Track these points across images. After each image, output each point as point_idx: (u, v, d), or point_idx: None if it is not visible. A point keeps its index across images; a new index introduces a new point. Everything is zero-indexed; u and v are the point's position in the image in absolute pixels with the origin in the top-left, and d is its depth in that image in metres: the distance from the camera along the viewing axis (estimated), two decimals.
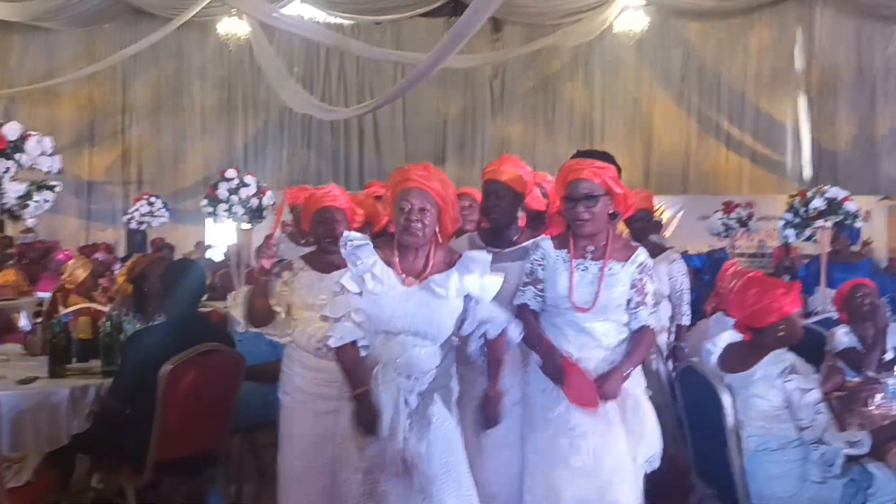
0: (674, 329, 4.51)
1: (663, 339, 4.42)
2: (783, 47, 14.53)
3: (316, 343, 3.12)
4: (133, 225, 11.25)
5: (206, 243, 11.78)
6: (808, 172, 14.45)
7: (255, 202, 6.64)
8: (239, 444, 3.93)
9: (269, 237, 3.19)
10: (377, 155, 15.60)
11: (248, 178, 6.58)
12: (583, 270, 2.88)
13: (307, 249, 3.42)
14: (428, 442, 2.67)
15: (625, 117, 15.01)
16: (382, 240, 2.87)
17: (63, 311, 5.29)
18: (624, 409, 2.85)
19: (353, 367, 2.72)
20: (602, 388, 2.78)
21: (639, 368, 2.96)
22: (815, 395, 3.02)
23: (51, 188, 3.90)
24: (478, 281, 2.75)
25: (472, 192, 3.93)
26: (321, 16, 14.73)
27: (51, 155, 3.87)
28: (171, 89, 16.00)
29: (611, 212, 2.89)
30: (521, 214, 3.25)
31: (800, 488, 3.01)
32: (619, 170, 2.93)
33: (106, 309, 4.95)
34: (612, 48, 14.40)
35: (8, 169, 3.69)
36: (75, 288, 5.86)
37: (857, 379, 3.53)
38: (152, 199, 11.26)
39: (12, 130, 3.73)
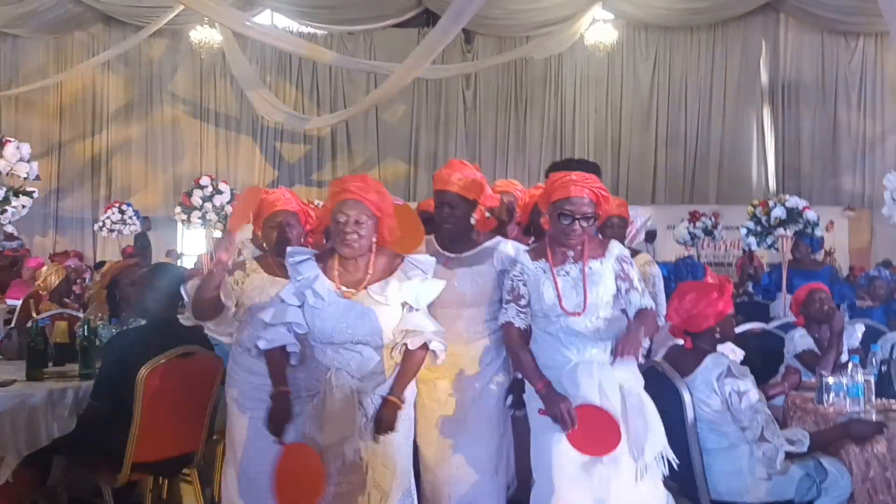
0: None
1: None
2: (749, 60, 14.87)
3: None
4: (104, 233, 11.20)
5: (178, 251, 11.76)
6: (772, 183, 14.80)
7: (229, 209, 6.68)
8: (214, 447, 3.97)
9: (230, 231, 3.23)
10: (349, 163, 15.65)
11: (223, 186, 6.63)
12: (565, 275, 2.90)
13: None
14: (383, 443, 2.77)
15: (595, 128, 15.23)
16: (324, 252, 2.89)
17: (35, 316, 5.29)
18: (626, 408, 2.84)
19: (279, 369, 2.82)
20: (621, 345, 2.75)
21: (636, 370, 2.95)
22: (752, 396, 3.15)
23: (28, 194, 3.93)
24: (416, 288, 2.81)
25: (511, 189, 3.90)
26: (294, 25, 14.81)
27: (28, 161, 3.90)
28: (141, 97, 15.92)
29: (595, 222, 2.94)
30: (481, 217, 3.26)
31: (754, 484, 3.14)
32: (599, 174, 3.00)
33: (80, 314, 4.98)
34: (582, 60, 14.64)
35: None
36: (48, 294, 5.87)
37: (813, 380, 3.68)
38: (123, 207, 11.22)
39: None
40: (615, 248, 2.95)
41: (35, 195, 4.00)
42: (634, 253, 4.46)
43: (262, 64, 15.03)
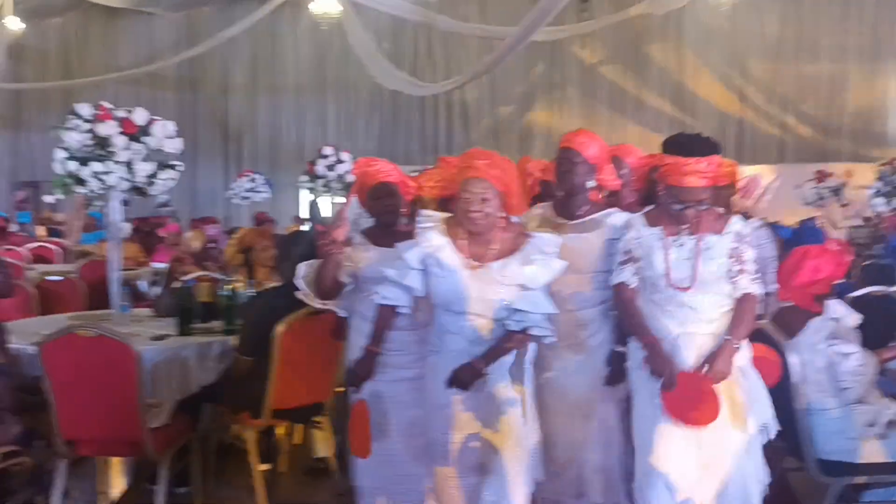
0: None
1: None
2: (885, 10, 13.91)
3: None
4: (236, 200, 11.87)
5: (303, 217, 12.33)
6: None
7: (350, 178, 7.01)
8: (341, 399, 4.29)
9: (341, 209, 3.40)
10: (465, 130, 15.79)
11: (344, 155, 6.95)
12: (679, 247, 2.86)
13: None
14: (499, 406, 2.86)
15: (717, 86, 14.68)
16: (453, 220, 2.95)
17: (181, 278, 5.75)
18: (729, 381, 2.82)
19: (382, 327, 2.99)
20: (713, 367, 2.75)
21: (746, 340, 2.91)
22: (855, 359, 3.12)
23: (173, 167, 4.32)
24: (535, 271, 2.85)
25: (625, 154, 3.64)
26: None
27: (173, 138, 4.29)
28: (266, 69, 16.58)
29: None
30: (593, 187, 3.23)
31: (856, 444, 3.14)
32: (718, 150, 2.87)
33: (220, 276, 5.40)
34: (704, 14, 14.07)
35: (138, 151, 4.12)
36: (191, 257, 6.39)
37: None
38: (254, 176, 11.85)
39: (141, 117, 4.16)
40: (736, 224, 2.90)
41: (180, 168, 4.38)
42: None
43: (379, 31, 15.28)
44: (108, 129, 4.03)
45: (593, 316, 3.17)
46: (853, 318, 3.30)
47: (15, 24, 14.59)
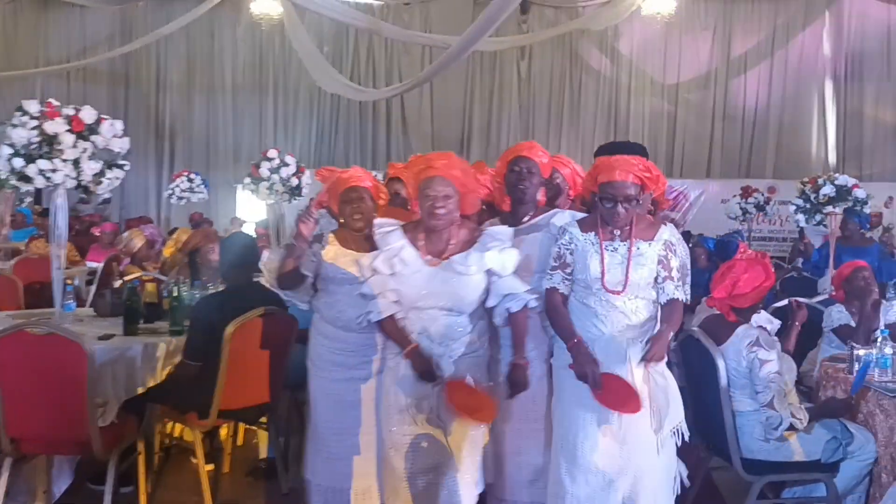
0: None
1: None
2: (812, 31, 14.54)
3: (336, 314, 3.38)
4: (173, 200, 11.71)
5: (240, 219, 12.22)
6: (832, 157, 14.55)
7: (294, 181, 7.03)
8: (286, 400, 4.35)
9: (311, 203, 3.48)
10: (404, 136, 15.85)
11: (289, 158, 6.97)
12: (612, 252, 2.96)
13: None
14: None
15: (651, 101, 15.10)
16: (410, 224, 3.08)
17: (121, 278, 5.69)
18: (649, 384, 2.93)
19: (397, 332, 3.01)
20: (651, 349, 2.88)
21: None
22: (771, 366, 3.35)
23: (121, 167, 4.30)
24: (496, 256, 2.99)
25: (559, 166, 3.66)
26: None
27: (121, 137, 4.28)
28: (203, 68, 16.34)
29: (641, 202, 2.97)
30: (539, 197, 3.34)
31: (773, 444, 3.37)
32: (646, 154, 3.10)
33: (162, 277, 5.38)
34: (640, 31, 14.48)
35: (86, 149, 4.09)
36: (130, 257, 6.32)
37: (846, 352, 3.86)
38: (192, 176, 11.70)
39: (89, 115, 4.13)
40: (665, 232, 3.01)
41: (127, 168, 4.36)
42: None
43: (321, 35, 15.25)
44: (55, 126, 4.00)
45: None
46: (772, 325, 3.53)
47: None
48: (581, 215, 3.22)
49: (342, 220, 3.51)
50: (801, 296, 5.56)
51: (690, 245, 5.76)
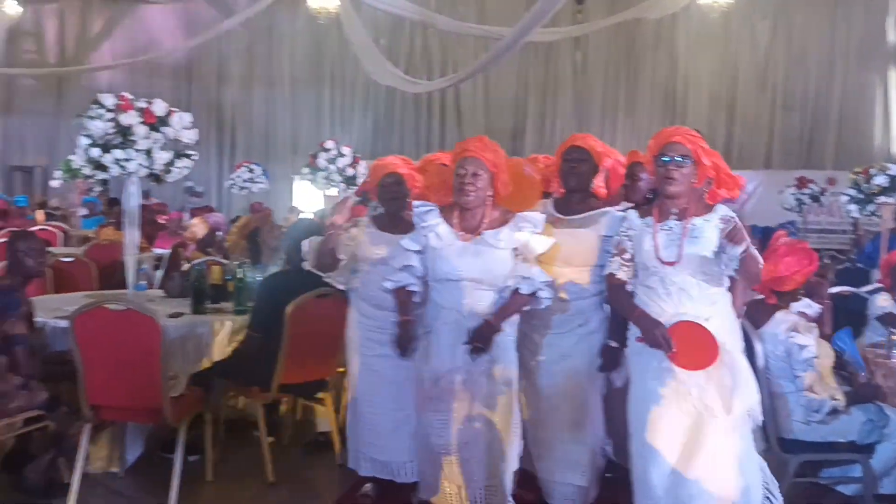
0: None
1: None
2: (874, 19, 14.20)
3: (373, 293, 3.57)
4: (234, 190, 12.10)
5: (297, 208, 12.57)
6: (894, 147, 14.23)
7: (350, 171, 7.27)
8: (342, 378, 4.56)
9: (346, 198, 3.77)
10: (458, 127, 16.00)
11: (345, 149, 7.21)
12: (667, 231, 2.98)
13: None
14: (485, 374, 3.15)
15: (708, 91, 14.93)
16: (445, 206, 3.27)
17: (185, 263, 5.99)
18: (719, 363, 2.92)
19: (404, 303, 3.31)
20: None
21: (738, 328, 3.05)
22: (809, 351, 3.42)
23: (189, 156, 4.57)
24: (526, 237, 3.17)
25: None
26: None
27: (190, 129, 4.54)
28: (262, 61, 16.74)
29: (694, 180, 2.95)
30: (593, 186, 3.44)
31: (809, 426, 3.45)
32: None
33: (225, 261, 5.66)
34: (696, 21, 14.25)
35: (157, 140, 4.37)
36: (194, 243, 6.65)
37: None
38: (252, 167, 12.08)
39: (160, 108, 4.40)
40: (721, 209, 3.00)
41: (195, 157, 4.63)
42: None
43: (377, 28, 15.46)
44: (129, 118, 4.28)
45: (586, 307, 3.39)
46: (812, 310, 3.60)
47: (13, 8, 14.72)
48: (633, 217, 3.20)
49: (379, 203, 3.75)
50: (854, 286, 5.58)
51: None
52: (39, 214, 10.60)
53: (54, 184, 10.34)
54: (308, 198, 12.61)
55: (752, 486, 2.94)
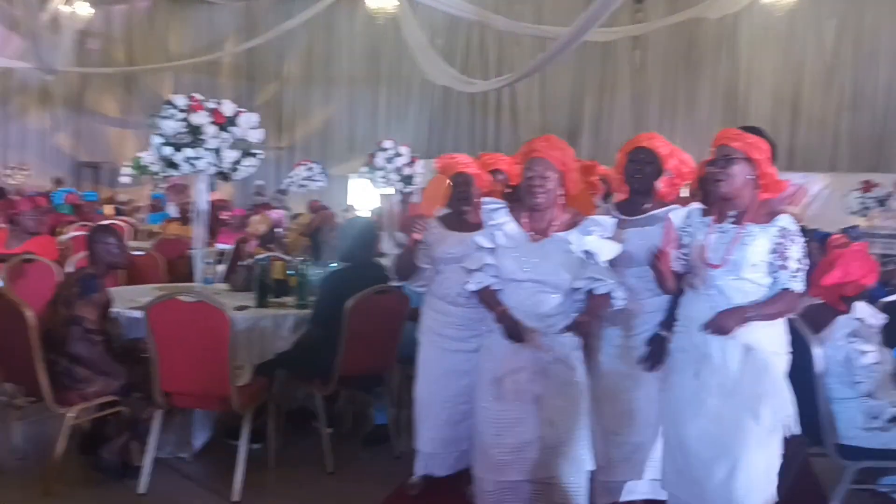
0: None
1: None
2: None
3: (445, 290, 3.67)
4: (293, 188, 12.36)
5: (353, 206, 12.78)
6: None
7: (407, 170, 7.38)
8: (398, 372, 4.67)
9: (423, 214, 3.80)
10: (513, 127, 16.03)
11: (403, 149, 7.32)
12: (721, 233, 2.95)
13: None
14: (554, 377, 3.13)
15: (772, 91, 14.62)
16: (517, 204, 3.24)
17: (248, 258, 6.17)
18: (745, 369, 2.89)
19: (491, 299, 3.20)
20: (716, 318, 2.85)
21: (782, 336, 2.98)
22: (871, 357, 3.38)
23: (255, 155, 4.73)
24: (596, 241, 3.13)
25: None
26: None
27: (256, 128, 4.70)
28: (321, 61, 17.02)
29: (750, 177, 2.90)
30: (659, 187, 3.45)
31: (868, 432, 3.40)
32: (772, 146, 2.96)
33: (286, 257, 5.82)
34: (759, 20, 14.01)
35: (226, 139, 4.54)
36: (256, 239, 6.84)
37: None
38: (311, 165, 12.32)
39: (229, 108, 4.57)
40: (783, 220, 2.92)
41: (261, 156, 4.78)
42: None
43: (434, 27, 15.56)
44: (200, 118, 4.45)
45: (651, 306, 3.36)
46: (877, 320, 3.55)
47: (84, 9, 15.28)
48: (698, 214, 3.17)
49: (448, 202, 3.82)
50: None
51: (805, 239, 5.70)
52: (108, 209, 11.00)
53: (124, 180, 10.72)
54: (363, 196, 12.82)
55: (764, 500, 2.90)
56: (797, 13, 13.66)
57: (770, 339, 2.95)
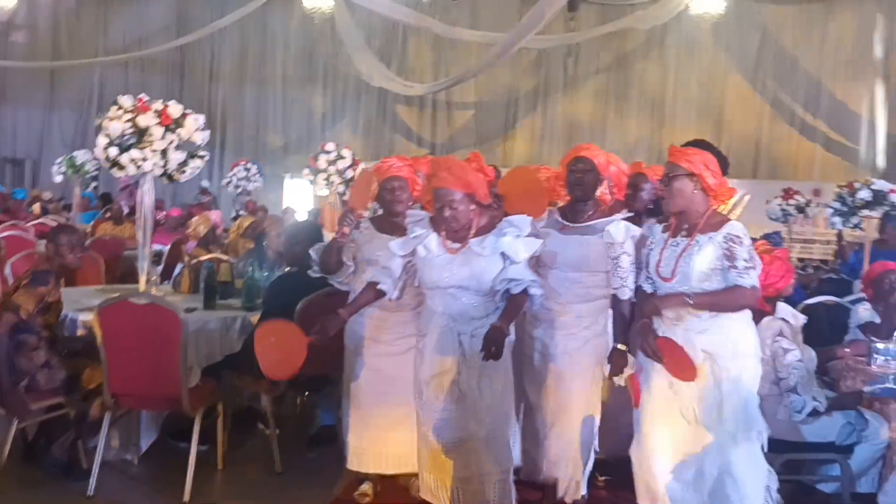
0: None
1: None
2: (862, 34, 14.47)
3: None
4: (230, 189, 12.22)
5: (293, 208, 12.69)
6: (881, 160, 14.46)
7: (349, 173, 7.43)
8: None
9: (352, 210, 3.84)
10: (449, 128, 16.21)
11: (345, 152, 7.36)
12: (674, 246, 3.07)
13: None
14: (480, 378, 3.26)
15: (697, 100, 15.18)
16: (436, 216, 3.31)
17: (186, 260, 6.11)
18: (704, 374, 3.00)
19: (363, 300, 3.46)
20: (655, 303, 3.01)
21: (745, 340, 3.09)
22: (794, 355, 3.63)
23: (202, 157, 4.72)
24: (511, 242, 3.23)
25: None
26: None
27: (203, 130, 4.69)
28: (255, 59, 16.81)
29: (696, 191, 3.01)
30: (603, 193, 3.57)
31: (791, 425, 3.67)
32: (721, 157, 3.11)
33: (225, 258, 5.79)
34: (687, 30, 14.54)
35: (172, 141, 4.52)
36: (197, 241, 6.78)
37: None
38: (248, 165, 12.20)
39: (176, 110, 4.55)
40: (728, 226, 3.03)
41: (206, 158, 4.77)
42: None
43: (370, 29, 15.56)
44: (147, 119, 4.43)
45: (592, 310, 3.54)
46: (798, 320, 3.81)
47: (7, 1, 14.76)
48: (636, 228, 3.35)
49: (380, 206, 3.84)
50: (837, 296, 5.80)
51: None
52: (37, 208, 10.69)
53: (57, 178, 10.42)
54: (298, 197, 12.75)
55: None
56: (722, 25, 14.24)
57: (732, 346, 3.05)
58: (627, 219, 3.47)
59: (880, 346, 3.84)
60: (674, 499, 3.08)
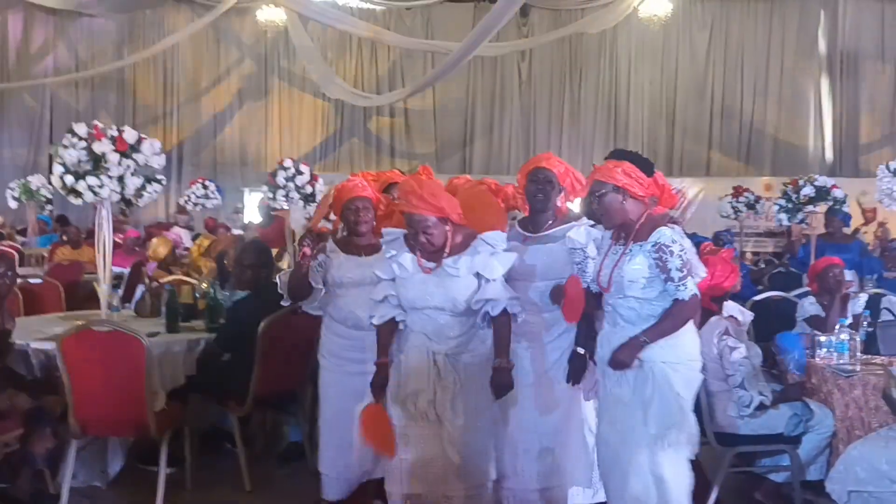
0: None
1: None
2: (807, 30, 14.91)
3: (345, 315, 3.66)
4: (189, 206, 12.15)
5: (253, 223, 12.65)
6: (829, 154, 14.87)
7: (308, 189, 7.46)
8: (311, 390, 4.79)
9: (311, 228, 3.83)
10: (407, 138, 16.26)
11: (303, 167, 7.38)
12: (613, 255, 3.13)
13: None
14: (454, 398, 3.29)
15: (650, 100, 15.47)
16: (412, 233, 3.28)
17: (147, 282, 6.12)
18: (638, 378, 3.07)
19: (385, 341, 3.34)
20: (614, 356, 3.04)
21: (686, 344, 3.14)
22: (740, 352, 3.78)
23: (159, 181, 4.74)
24: (485, 260, 3.22)
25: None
26: (354, 1, 15.30)
27: (159, 154, 4.72)
28: (210, 74, 16.72)
29: (624, 202, 3.06)
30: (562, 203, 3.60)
31: (740, 420, 3.82)
32: (647, 166, 3.15)
33: (192, 280, 5.82)
34: (637, 32, 14.80)
35: (129, 167, 4.54)
36: (157, 263, 6.79)
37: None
38: (206, 183, 12.15)
39: (131, 136, 4.57)
40: (656, 235, 3.05)
41: (163, 182, 4.79)
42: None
43: (324, 42, 15.57)
44: (102, 146, 4.44)
45: (557, 318, 3.50)
46: (746, 317, 3.98)
47: None
48: (596, 232, 3.39)
49: (344, 227, 3.81)
50: (787, 290, 6.01)
51: None
52: None
53: (12, 204, 10.28)
54: (258, 212, 12.70)
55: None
56: (671, 27, 14.55)
57: (667, 351, 3.10)
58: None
59: (822, 338, 4.02)
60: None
